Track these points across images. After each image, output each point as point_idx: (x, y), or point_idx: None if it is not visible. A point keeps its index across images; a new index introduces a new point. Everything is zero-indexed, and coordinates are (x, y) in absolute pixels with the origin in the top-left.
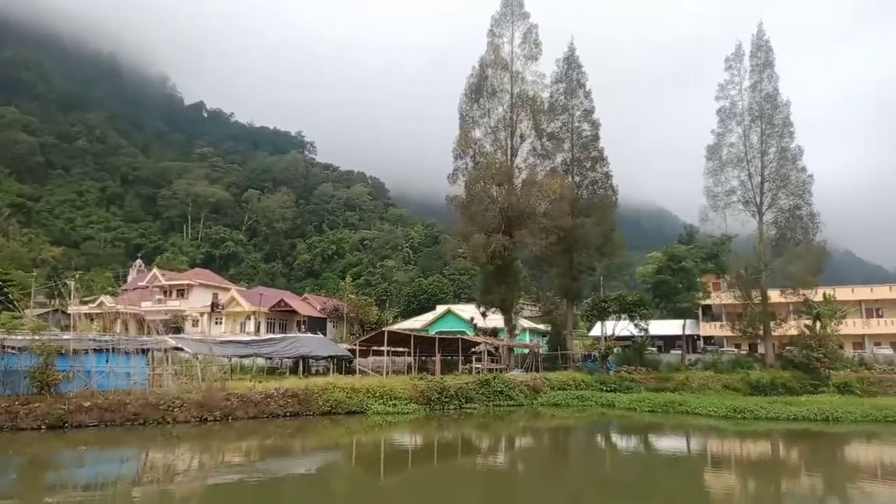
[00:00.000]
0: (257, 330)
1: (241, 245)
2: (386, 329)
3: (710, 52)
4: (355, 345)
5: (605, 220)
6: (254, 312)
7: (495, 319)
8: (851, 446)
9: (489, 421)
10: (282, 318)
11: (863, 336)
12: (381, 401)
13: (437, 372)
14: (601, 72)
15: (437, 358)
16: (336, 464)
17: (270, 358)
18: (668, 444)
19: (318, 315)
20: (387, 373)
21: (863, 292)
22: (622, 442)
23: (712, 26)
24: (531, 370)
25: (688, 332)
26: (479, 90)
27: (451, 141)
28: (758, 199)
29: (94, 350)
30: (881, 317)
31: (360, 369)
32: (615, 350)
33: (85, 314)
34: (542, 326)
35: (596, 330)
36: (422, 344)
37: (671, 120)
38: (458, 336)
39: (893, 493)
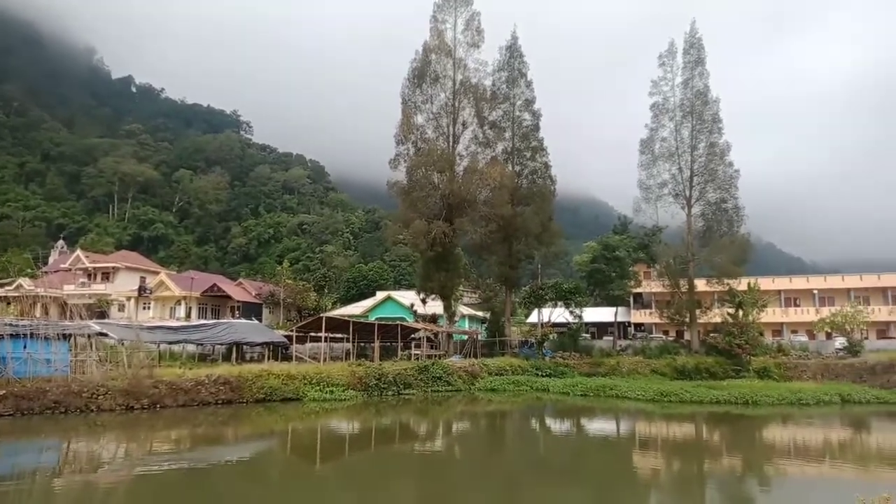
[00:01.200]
0: (188, 315)
1: (171, 227)
2: (324, 315)
3: (646, 47)
4: (292, 331)
5: (543, 210)
6: (184, 297)
7: (435, 306)
8: (768, 428)
9: (427, 406)
10: (214, 303)
11: (781, 324)
12: (317, 388)
13: (375, 358)
14: (543, 62)
15: (377, 344)
16: (270, 451)
17: (202, 344)
18: (599, 426)
19: (253, 300)
20: (324, 359)
21: (782, 282)
22: (556, 425)
23: (648, 22)
24: (470, 356)
25: (620, 319)
26: (422, 75)
27: (393, 126)
28: (687, 193)
29: (11, 335)
30: (798, 306)
31: (296, 356)
32: (551, 336)
33: (1, 297)
34: (481, 313)
35: (533, 317)
36: (361, 330)
37: (610, 114)
38: (398, 322)
39: (804, 470)
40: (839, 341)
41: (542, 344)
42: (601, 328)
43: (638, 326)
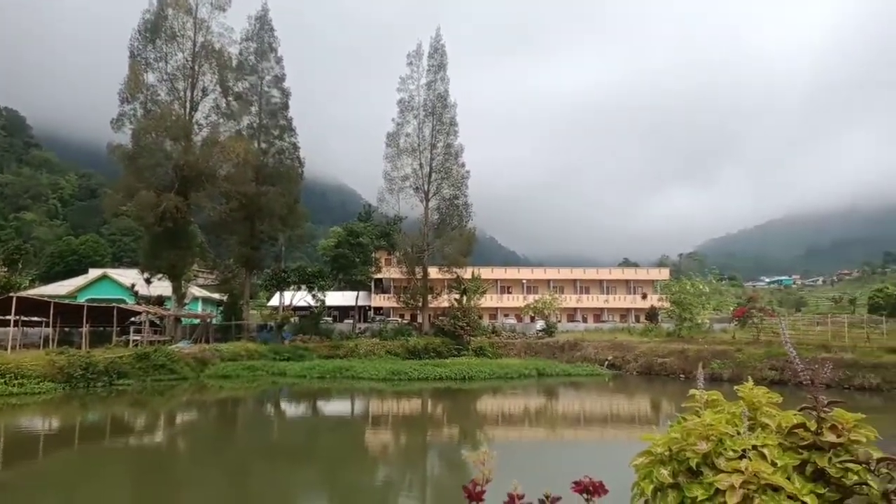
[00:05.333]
0: None
1: None
2: (16, 294)
3: (399, 44)
4: None
5: (290, 191)
6: None
7: (163, 287)
8: (481, 399)
9: (146, 398)
10: None
11: (497, 308)
12: (1, 380)
13: (84, 345)
14: (297, 46)
15: (85, 329)
16: None
17: None
18: (334, 407)
19: None
20: (17, 346)
21: (499, 272)
22: (290, 409)
23: (401, 21)
24: (201, 342)
25: (361, 302)
26: (155, 30)
27: (119, 81)
28: (426, 187)
29: None
30: (510, 293)
31: None
32: (292, 320)
33: None
34: (217, 296)
35: (275, 300)
36: (66, 313)
37: (363, 104)
38: (115, 305)
39: (508, 434)
40: (540, 324)
41: (282, 327)
42: (343, 312)
43: (378, 310)
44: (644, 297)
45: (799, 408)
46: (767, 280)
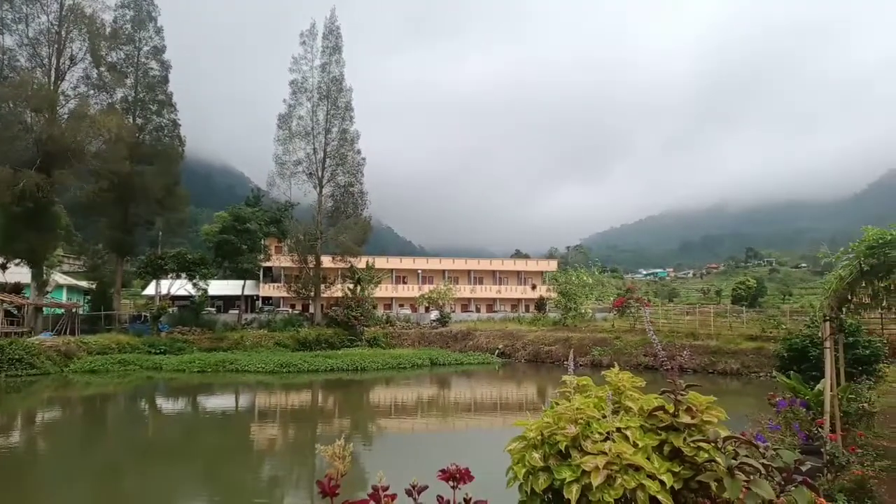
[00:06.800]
0: None
1: None
2: None
3: (293, 22)
4: None
5: (168, 171)
6: None
7: (21, 273)
8: (374, 390)
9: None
10: None
11: (392, 298)
12: None
13: None
14: (185, 17)
15: None
16: None
17: None
18: (216, 402)
19: None
20: None
21: (395, 262)
22: (167, 405)
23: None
24: (65, 333)
25: (248, 292)
26: None
27: None
28: (320, 173)
29: None
30: (406, 283)
31: None
32: (170, 310)
33: None
34: (85, 283)
35: (151, 289)
36: None
37: (254, 84)
38: None
39: (400, 425)
40: (434, 314)
41: (159, 318)
42: (228, 302)
43: (266, 300)
44: (534, 287)
45: (660, 391)
46: (645, 272)
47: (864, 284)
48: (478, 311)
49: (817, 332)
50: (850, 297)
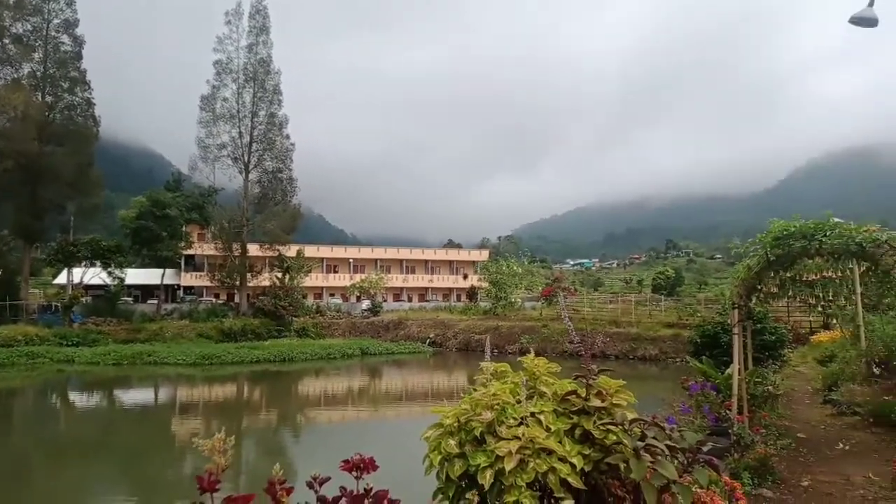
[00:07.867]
0: None
1: None
2: None
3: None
4: None
5: (81, 153)
6: None
7: None
8: (302, 381)
9: None
10: None
11: (322, 288)
12: None
13: None
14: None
15: None
16: None
17: None
18: (134, 396)
19: None
20: None
21: (326, 251)
22: (80, 399)
23: None
24: None
25: (168, 281)
26: None
27: None
28: (246, 158)
29: None
30: (337, 272)
31: None
32: (83, 300)
33: None
34: None
35: (62, 277)
36: None
37: (176, 63)
38: None
39: (331, 415)
40: (366, 303)
41: (71, 309)
42: (146, 291)
43: (188, 289)
44: (465, 277)
45: (573, 376)
46: (572, 262)
47: (771, 274)
48: (410, 300)
49: (728, 320)
50: (758, 287)
